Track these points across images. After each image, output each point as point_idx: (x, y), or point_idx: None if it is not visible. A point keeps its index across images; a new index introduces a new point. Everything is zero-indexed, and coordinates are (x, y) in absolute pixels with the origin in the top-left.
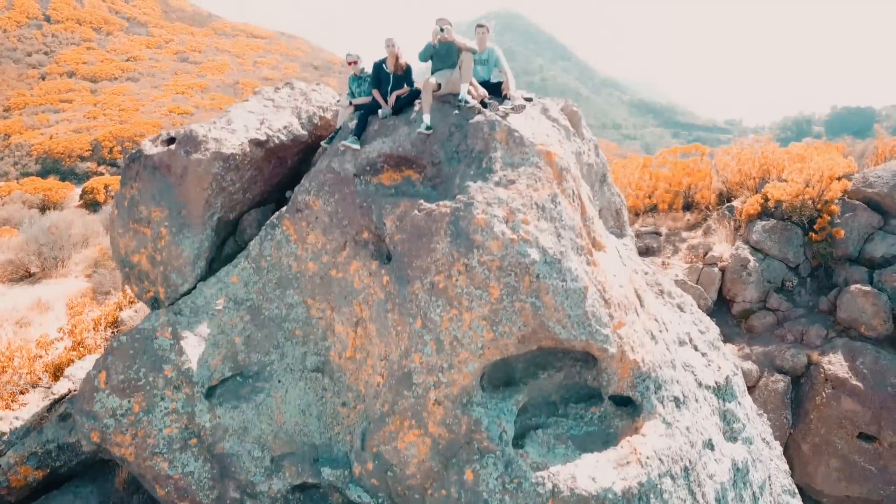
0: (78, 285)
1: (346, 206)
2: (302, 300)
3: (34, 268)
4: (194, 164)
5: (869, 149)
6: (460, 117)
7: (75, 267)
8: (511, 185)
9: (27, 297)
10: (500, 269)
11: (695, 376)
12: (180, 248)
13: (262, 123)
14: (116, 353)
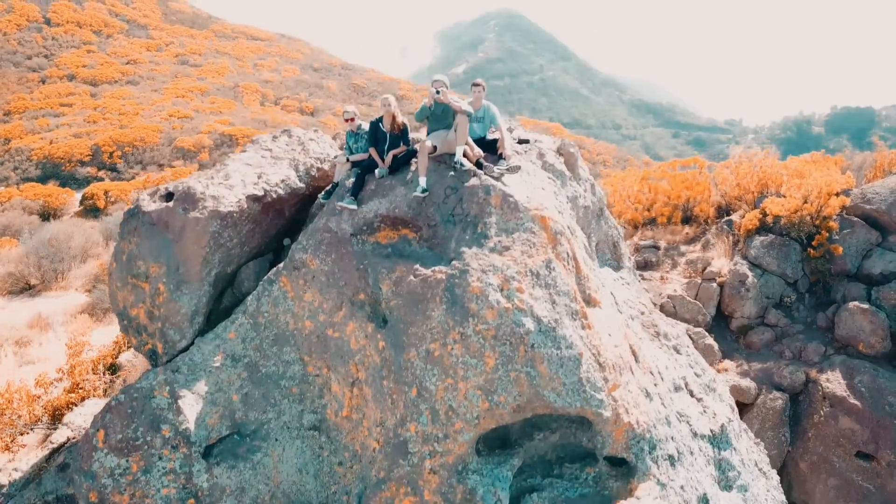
0: (78, 300)
1: (342, 267)
2: (299, 357)
3: (34, 280)
4: (192, 223)
5: (868, 161)
6: (456, 179)
7: (75, 280)
8: (506, 251)
9: (27, 312)
10: (496, 338)
11: (690, 426)
12: (178, 305)
13: (259, 178)
14: (115, 412)
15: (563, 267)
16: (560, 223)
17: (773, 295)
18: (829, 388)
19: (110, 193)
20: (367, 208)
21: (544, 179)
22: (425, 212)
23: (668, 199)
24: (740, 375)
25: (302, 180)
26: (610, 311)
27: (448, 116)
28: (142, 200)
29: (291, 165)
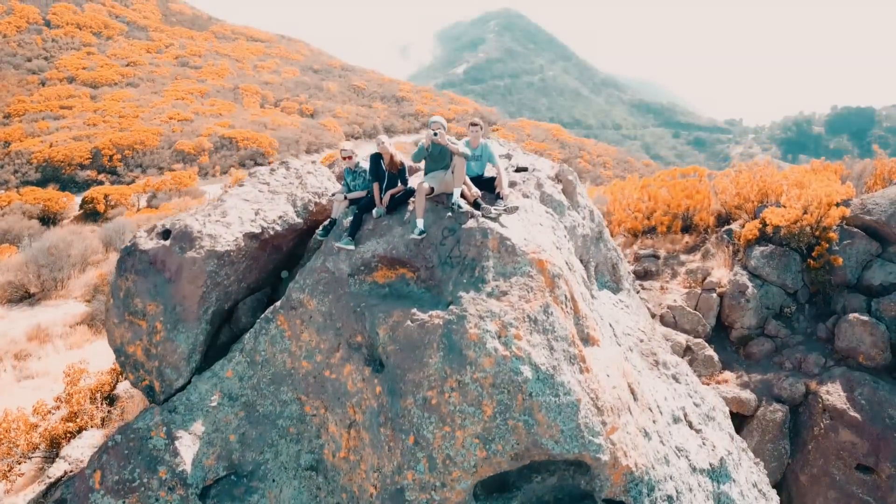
0: (77, 309)
1: (340, 308)
2: (296, 397)
3: (34, 288)
4: (189, 263)
5: (868, 169)
6: (453, 221)
7: (75, 288)
8: (503, 296)
9: (26, 322)
10: (493, 386)
11: (689, 461)
12: (175, 344)
13: (256, 214)
14: (111, 453)
15: (560, 311)
16: (557, 265)
17: (773, 305)
18: (829, 401)
19: (110, 197)
20: (365, 248)
21: (542, 214)
22: (423, 253)
23: (667, 208)
24: (740, 387)
25: (300, 215)
26: (609, 347)
27: (446, 157)
28: (139, 238)
29: (289, 201)
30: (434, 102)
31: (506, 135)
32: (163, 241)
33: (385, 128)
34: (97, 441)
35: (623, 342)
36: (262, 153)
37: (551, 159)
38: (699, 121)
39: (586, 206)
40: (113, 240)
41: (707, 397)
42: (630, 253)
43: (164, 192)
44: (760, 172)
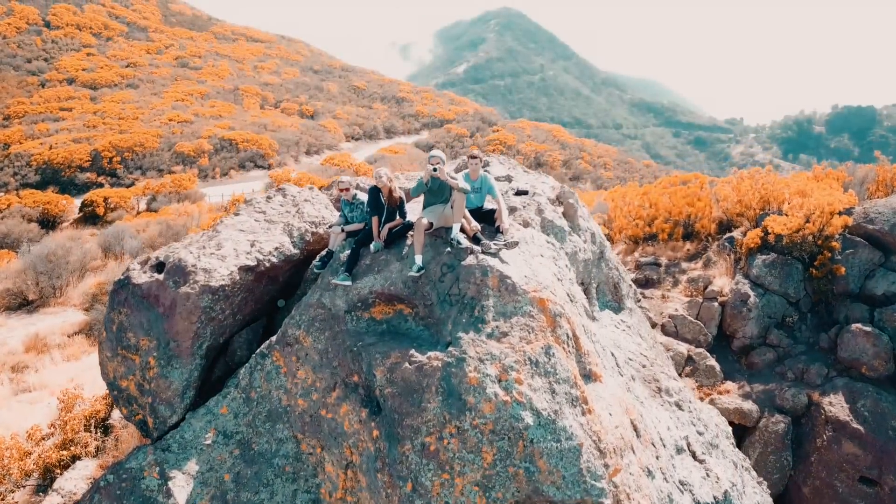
0: (75, 318)
1: (336, 347)
2: (292, 435)
3: (32, 295)
4: (182, 298)
5: (870, 175)
6: (452, 257)
7: (74, 295)
8: (504, 337)
9: (24, 331)
10: (493, 432)
11: (693, 496)
12: (169, 381)
13: (252, 246)
14: (104, 493)
15: (562, 351)
16: (559, 303)
17: (775, 315)
18: (831, 412)
19: (110, 200)
20: (362, 284)
21: (543, 245)
22: (421, 290)
23: (669, 215)
24: (742, 397)
25: (296, 246)
26: (611, 381)
27: (445, 191)
28: (132, 271)
29: (285, 231)
30: (434, 103)
31: (506, 136)
32: (156, 275)
33: (385, 128)
34: (91, 472)
35: (625, 371)
36: (262, 155)
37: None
38: (700, 120)
39: (587, 229)
40: (112, 245)
41: (710, 424)
42: (631, 260)
43: (163, 195)
44: (762, 180)
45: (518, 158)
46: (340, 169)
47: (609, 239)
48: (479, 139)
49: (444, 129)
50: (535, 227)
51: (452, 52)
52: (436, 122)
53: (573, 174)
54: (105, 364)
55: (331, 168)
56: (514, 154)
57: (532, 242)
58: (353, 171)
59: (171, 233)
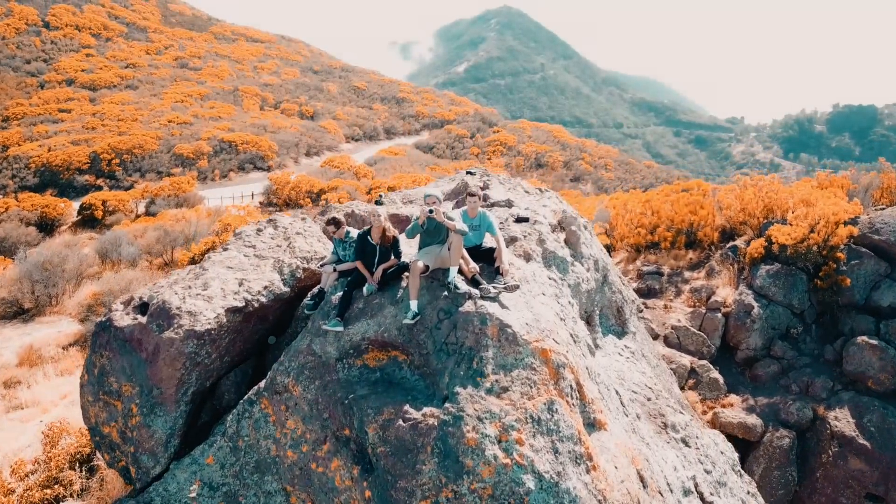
0: (70, 328)
1: (326, 398)
2: (281, 487)
3: (27, 304)
4: (166, 344)
5: (874, 182)
6: (450, 302)
7: (69, 304)
8: (504, 393)
9: (19, 341)
10: (493, 497)
11: None
12: (152, 430)
13: (240, 285)
14: None
15: (565, 405)
16: (561, 352)
17: (779, 326)
18: (837, 427)
19: (108, 203)
20: (355, 330)
21: (544, 281)
22: (416, 338)
23: (671, 223)
24: (746, 411)
25: (287, 284)
26: (617, 428)
27: (441, 231)
28: (114, 313)
29: (275, 268)
30: (435, 103)
31: (506, 136)
32: (139, 318)
33: (385, 129)
34: None
35: (630, 410)
36: (261, 157)
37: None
38: (700, 119)
39: (590, 256)
40: (109, 252)
41: (718, 460)
42: (633, 269)
43: (162, 198)
44: (766, 188)
45: (518, 159)
46: (340, 171)
47: (611, 249)
48: (480, 140)
49: (445, 129)
50: (536, 258)
51: (453, 51)
52: (436, 123)
53: (574, 175)
54: (87, 408)
55: (330, 170)
56: (514, 155)
57: (533, 281)
58: (352, 173)
59: (169, 239)
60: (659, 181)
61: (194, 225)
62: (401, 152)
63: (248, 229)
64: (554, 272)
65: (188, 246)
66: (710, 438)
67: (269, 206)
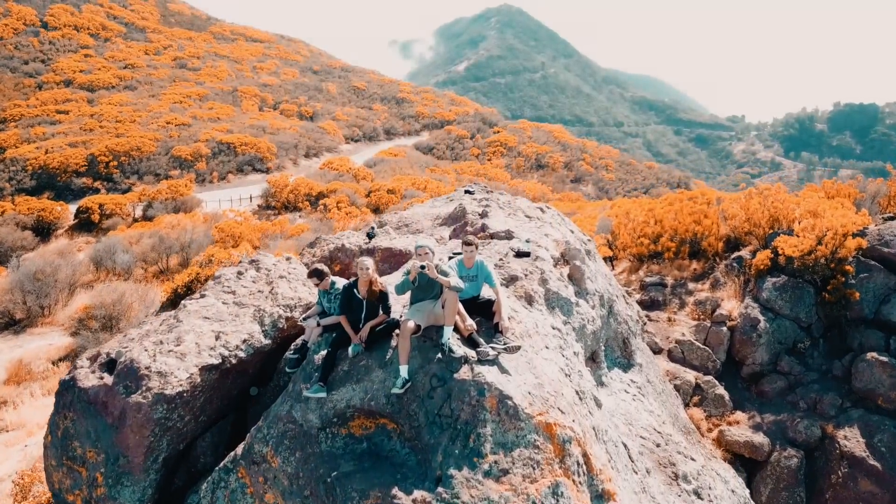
0: (62, 340)
1: (308, 473)
2: None
3: (20, 314)
4: (133, 409)
5: (882, 190)
6: (444, 367)
7: (62, 315)
8: (504, 476)
9: (9, 353)
10: None
11: None
12: (119, 502)
13: (217, 339)
14: None
15: (572, 486)
16: (567, 424)
17: (785, 340)
18: (846, 447)
19: (105, 207)
20: (339, 396)
21: (548, 332)
22: (407, 407)
23: (674, 233)
24: (753, 429)
25: (268, 335)
26: (625, 495)
27: (435, 287)
28: (79, 370)
29: (256, 318)
30: (435, 104)
31: (507, 136)
32: (106, 377)
33: (385, 130)
34: None
35: (640, 464)
36: (260, 158)
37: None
38: (701, 118)
39: (595, 292)
40: (103, 260)
41: None
42: (636, 279)
43: (159, 202)
44: (772, 198)
45: (519, 160)
46: (339, 173)
47: (611, 260)
48: (480, 140)
49: (445, 130)
50: (538, 300)
51: (453, 50)
52: (436, 123)
53: (575, 176)
54: (50, 472)
55: (329, 172)
56: (514, 156)
57: (536, 333)
58: (351, 175)
59: (164, 247)
60: (660, 182)
61: (190, 232)
62: (400, 153)
63: (228, 272)
64: (557, 316)
65: (184, 253)
66: (722, 481)
67: (268, 209)
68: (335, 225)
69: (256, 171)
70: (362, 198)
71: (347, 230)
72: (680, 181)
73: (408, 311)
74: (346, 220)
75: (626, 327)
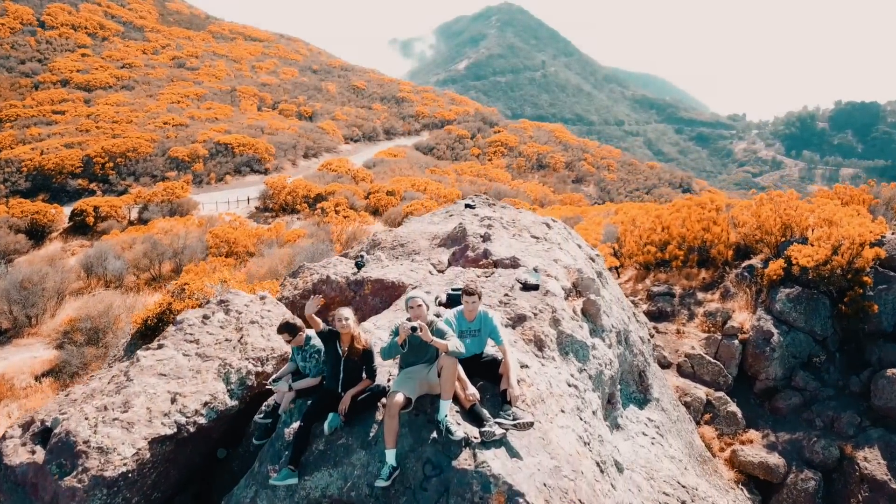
0: (47, 354)
1: None
2: None
3: (6, 323)
4: (66, 496)
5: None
6: (439, 451)
7: (49, 326)
8: None
9: None
10: None
11: None
12: None
13: (173, 402)
14: None
15: None
16: None
17: (800, 354)
18: (867, 469)
19: (100, 209)
20: (313, 483)
21: (563, 393)
22: (395, 502)
23: (682, 240)
24: (767, 449)
25: (234, 395)
26: None
27: (430, 348)
28: (7, 443)
29: (221, 375)
30: (435, 103)
31: (507, 136)
32: (38, 451)
33: (385, 129)
34: None
35: None
36: (258, 159)
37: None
38: (702, 116)
39: (612, 328)
40: (94, 266)
41: None
42: (642, 288)
43: (155, 204)
44: (784, 204)
45: (520, 160)
46: (338, 174)
47: (617, 269)
48: (481, 140)
49: (445, 130)
50: (549, 345)
51: (453, 49)
52: (436, 123)
53: (576, 176)
54: None
55: (328, 173)
56: (515, 156)
57: (550, 395)
58: (350, 177)
59: (157, 253)
60: (662, 182)
61: (183, 238)
62: (400, 154)
63: (192, 316)
64: (571, 363)
65: (177, 259)
66: None
67: (265, 212)
68: (332, 229)
69: (254, 173)
70: (361, 200)
71: (335, 258)
72: (682, 181)
73: (396, 379)
74: (344, 225)
75: (641, 359)
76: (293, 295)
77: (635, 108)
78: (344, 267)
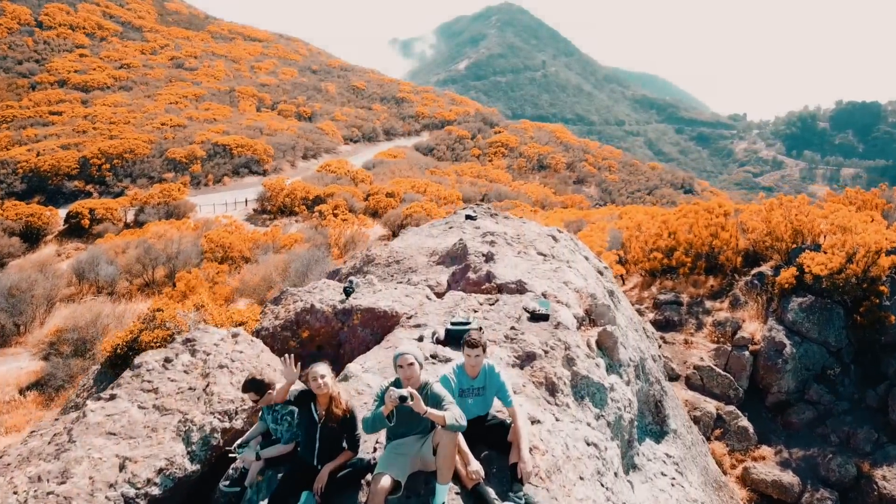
0: (34, 365)
1: None
2: None
3: None
4: None
5: None
6: None
7: (39, 333)
8: None
9: None
10: None
11: None
12: None
13: (122, 469)
14: None
15: None
16: None
17: (813, 366)
18: (886, 489)
19: (96, 212)
20: None
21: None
22: None
23: (689, 247)
24: (780, 466)
25: (196, 458)
26: None
27: (423, 420)
28: None
29: (181, 434)
30: (435, 103)
31: (508, 137)
32: None
33: (385, 130)
34: None
35: None
36: (256, 160)
37: (555, 162)
38: (702, 116)
39: (630, 362)
40: (86, 272)
41: None
42: (648, 296)
43: (152, 206)
44: (794, 209)
45: (520, 161)
46: (337, 176)
47: (622, 277)
48: (481, 140)
49: (445, 130)
50: (563, 389)
51: (454, 49)
52: (436, 124)
53: (577, 177)
54: None
55: (327, 175)
56: (516, 157)
57: (567, 460)
58: (349, 178)
59: (150, 258)
60: (664, 183)
61: (177, 243)
62: (400, 154)
63: (152, 360)
64: (587, 410)
65: (170, 265)
66: None
67: (263, 214)
68: (330, 233)
69: (253, 174)
70: (360, 202)
71: (322, 281)
72: (684, 182)
73: (382, 455)
74: (342, 228)
75: (658, 388)
76: (273, 326)
77: (636, 108)
78: (331, 293)
